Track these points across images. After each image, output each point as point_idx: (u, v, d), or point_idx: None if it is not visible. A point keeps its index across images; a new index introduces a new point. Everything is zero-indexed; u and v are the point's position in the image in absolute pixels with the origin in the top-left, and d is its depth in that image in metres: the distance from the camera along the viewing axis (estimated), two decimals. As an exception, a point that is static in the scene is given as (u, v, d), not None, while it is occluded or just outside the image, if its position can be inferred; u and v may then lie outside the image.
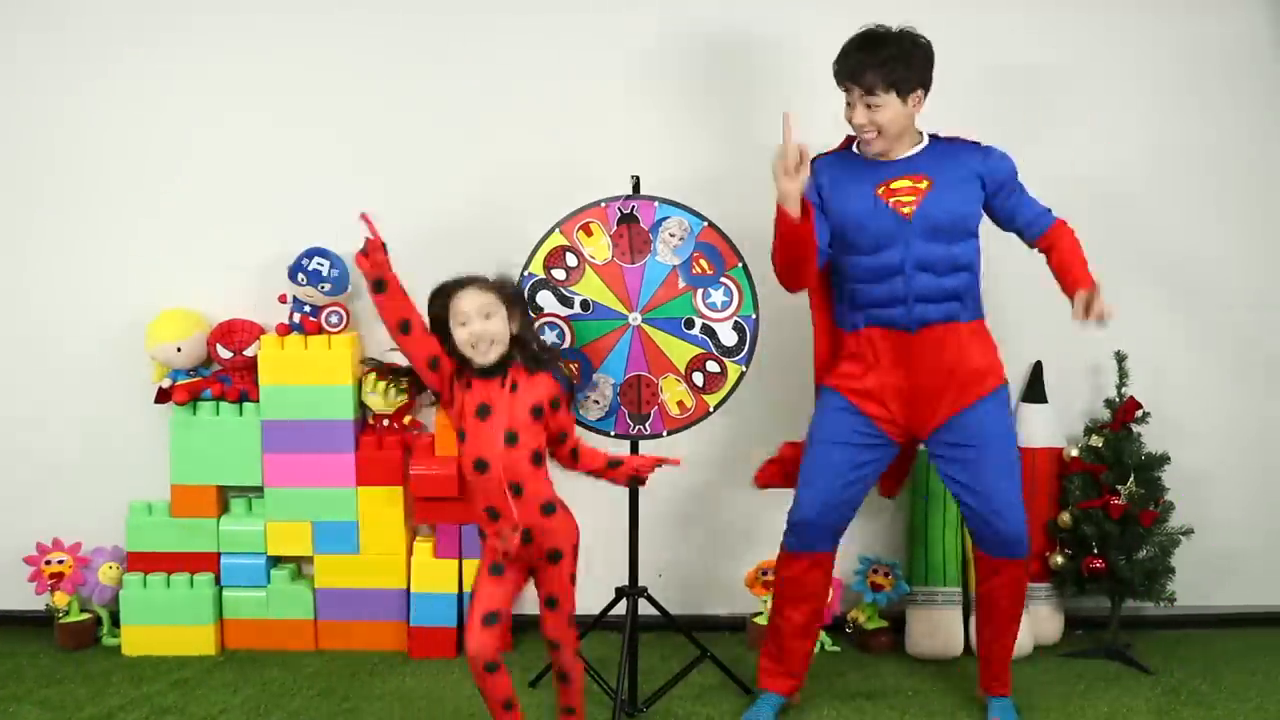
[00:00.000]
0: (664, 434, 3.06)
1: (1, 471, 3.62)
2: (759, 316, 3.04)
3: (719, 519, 3.66)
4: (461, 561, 3.48)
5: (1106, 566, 3.40)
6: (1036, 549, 3.34)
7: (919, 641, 3.47)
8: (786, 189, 2.73)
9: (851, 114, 2.86)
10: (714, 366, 3.03)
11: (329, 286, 3.43)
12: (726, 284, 3.03)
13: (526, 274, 3.03)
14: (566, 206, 3.05)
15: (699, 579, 3.67)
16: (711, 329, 3.03)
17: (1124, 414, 3.47)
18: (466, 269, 2.69)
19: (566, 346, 3.04)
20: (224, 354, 3.49)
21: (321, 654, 3.48)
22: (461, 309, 2.61)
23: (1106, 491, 3.42)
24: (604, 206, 3.04)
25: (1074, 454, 3.52)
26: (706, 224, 3.03)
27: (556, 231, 3.04)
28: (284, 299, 3.47)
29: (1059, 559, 3.47)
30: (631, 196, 3.04)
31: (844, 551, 3.07)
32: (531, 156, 3.50)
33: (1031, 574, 3.21)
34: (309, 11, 3.52)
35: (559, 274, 3.04)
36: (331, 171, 3.53)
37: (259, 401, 3.46)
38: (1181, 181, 3.60)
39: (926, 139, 2.94)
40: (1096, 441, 3.49)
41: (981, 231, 2.97)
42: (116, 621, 3.53)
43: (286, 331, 3.47)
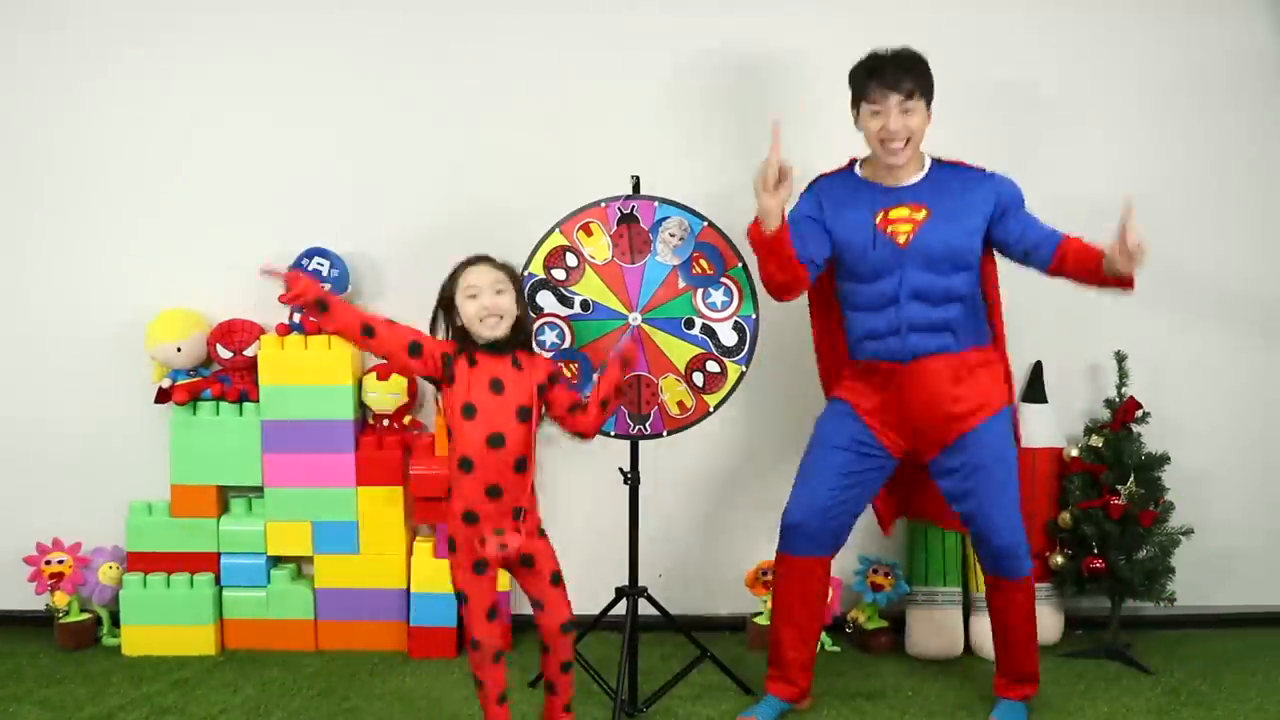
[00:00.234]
0: (664, 434, 3.06)
1: (1, 471, 3.62)
2: (759, 316, 3.04)
3: (719, 519, 3.66)
4: (461, 561, 3.48)
5: (1106, 566, 3.40)
6: (1036, 549, 3.33)
7: (919, 641, 3.47)
8: (766, 205, 2.75)
9: (882, 124, 2.82)
10: (714, 366, 3.03)
11: (329, 286, 3.43)
12: (726, 284, 3.03)
13: (526, 274, 3.02)
14: (566, 206, 3.05)
15: (699, 579, 3.66)
16: (711, 329, 3.03)
17: (1124, 414, 3.47)
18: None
19: (566, 347, 3.04)
20: (224, 354, 3.49)
21: (321, 654, 3.48)
22: (473, 281, 2.64)
23: (1106, 491, 3.42)
24: (604, 206, 3.04)
25: (1074, 454, 3.52)
26: (706, 224, 3.03)
27: (556, 231, 3.04)
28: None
29: (1059, 559, 3.47)
30: (631, 196, 3.04)
31: (844, 551, 3.07)
32: (531, 157, 3.51)
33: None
34: (309, 11, 3.52)
35: (559, 274, 3.04)
36: (331, 171, 3.54)
37: (259, 401, 3.47)
38: (1182, 182, 3.60)
39: (929, 163, 2.94)
40: (1096, 441, 3.49)
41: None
42: (116, 621, 3.53)
43: (286, 331, 3.47)
